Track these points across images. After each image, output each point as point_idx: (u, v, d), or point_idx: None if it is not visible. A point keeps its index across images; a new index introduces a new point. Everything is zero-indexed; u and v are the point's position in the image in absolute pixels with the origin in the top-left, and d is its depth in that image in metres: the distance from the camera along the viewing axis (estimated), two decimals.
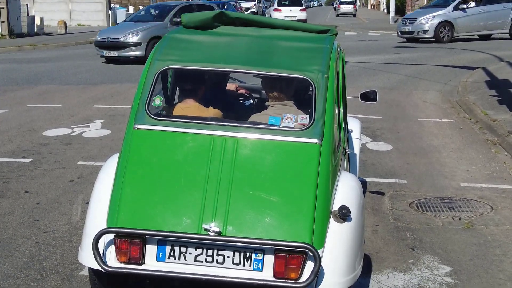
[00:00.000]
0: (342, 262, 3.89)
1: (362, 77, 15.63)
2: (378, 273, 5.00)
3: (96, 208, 4.13)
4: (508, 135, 9.38)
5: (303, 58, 4.51)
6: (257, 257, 3.79)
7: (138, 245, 3.81)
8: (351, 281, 3.96)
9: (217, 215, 3.83)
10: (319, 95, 4.21)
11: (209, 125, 4.19)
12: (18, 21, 31.26)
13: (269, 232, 3.80)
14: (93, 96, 13.23)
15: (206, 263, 3.82)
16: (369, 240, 5.62)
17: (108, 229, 3.83)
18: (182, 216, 3.86)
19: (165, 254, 3.84)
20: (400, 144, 9.35)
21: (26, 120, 10.72)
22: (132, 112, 4.25)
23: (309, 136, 4.08)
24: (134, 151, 4.12)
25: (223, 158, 4.00)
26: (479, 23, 24.55)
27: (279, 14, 35.52)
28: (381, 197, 6.86)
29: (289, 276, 3.74)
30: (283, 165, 4.02)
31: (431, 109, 12.15)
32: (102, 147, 8.85)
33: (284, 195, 3.91)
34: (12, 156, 8.41)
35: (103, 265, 3.81)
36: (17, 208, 6.38)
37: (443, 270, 5.10)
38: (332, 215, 3.96)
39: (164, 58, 4.44)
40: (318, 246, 3.78)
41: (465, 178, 7.69)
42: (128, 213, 3.90)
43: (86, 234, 4.10)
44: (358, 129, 6.45)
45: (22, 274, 4.89)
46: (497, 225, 6.13)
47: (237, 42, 4.80)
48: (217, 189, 3.90)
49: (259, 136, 4.12)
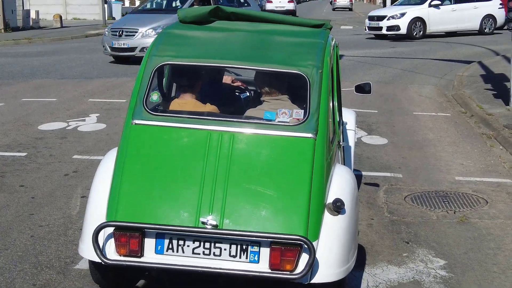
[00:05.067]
0: (336, 254, 3.97)
1: (358, 71, 15.63)
2: (372, 267, 5.01)
3: (95, 202, 4.20)
4: (503, 129, 9.40)
5: (298, 53, 4.56)
6: (253, 250, 3.86)
7: (137, 238, 3.88)
8: (345, 272, 4.04)
9: (214, 208, 3.90)
10: (313, 90, 4.27)
11: (205, 120, 4.26)
12: (13, 15, 31.13)
13: (265, 225, 3.88)
14: (88, 90, 13.21)
15: (203, 256, 3.90)
16: (364, 234, 5.64)
17: (107, 222, 3.91)
18: (180, 209, 3.93)
19: (164, 247, 3.91)
20: (395, 138, 9.36)
21: (21, 114, 10.70)
22: (130, 108, 4.31)
23: (304, 131, 4.15)
24: (132, 146, 4.19)
25: (219, 152, 4.07)
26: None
27: (271, 5, 40.58)
28: (376, 191, 6.88)
29: (285, 268, 3.81)
30: (279, 159, 4.09)
31: (427, 103, 12.16)
32: (98, 141, 8.84)
33: (280, 188, 3.99)
34: (8, 150, 8.40)
35: (103, 258, 3.90)
36: (12, 202, 6.38)
37: (438, 263, 5.12)
38: (326, 208, 4.03)
39: (161, 54, 4.48)
40: (313, 239, 3.86)
41: (460, 172, 7.71)
42: (127, 207, 3.98)
43: (86, 228, 4.17)
44: (353, 121, 6.49)
45: (17, 268, 4.90)
46: (491, 218, 6.15)
47: (233, 37, 4.86)
48: (214, 183, 3.97)
49: (254, 131, 4.19)
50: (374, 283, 4.74)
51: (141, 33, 17.08)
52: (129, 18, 18.67)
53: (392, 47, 21.56)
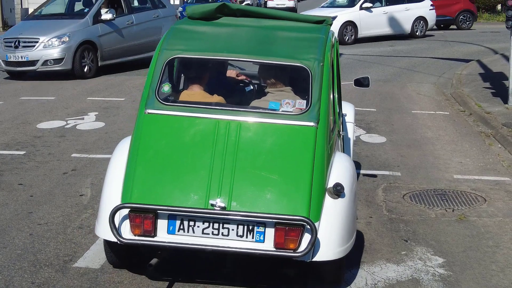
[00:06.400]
0: (336, 234, 4.28)
1: (357, 70, 15.63)
2: (371, 265, 5.02)
3: (111, 186, 4.50)
4: (502, 127, 9.40)
5: (300, 47, 4.87)
6: (259, 230, 4.17)
7: (150, 219, 4.19)
8: (344, 252, 4.36)
9: (222, 192, 4.21)
10: (315, 82, 4.58)
11: (214, 109, 4.58)
12: (12, 13, 31.11)
13: (270, 207, 4.19)
14: (87, 88, 13.20)
15: (212, 236, 4.20)
16: (362, 232, 5.64)
17: (123, 204, 4.21)
18: (190, 192, 4.25)
19: (175, 228, 4.22)
20: (394, 136, 9.37)
21: (20, 113, 10.70)
22: (143, 98, 4.63)
23: (306, 120, 4.46)
24: (145, 133, 4.50)
25: (227, 140, 4.39)
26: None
27: (272, 3, 40.40)
28: (375, 189, 6.88)
29: (288, 247, 4.12)
30: (282, 146, 4.41)
31: (425, 102, 12.16)
32: (96, 140, 8.84)
33: (283, 173, 4.30)
34: (6, 148, 8.39)
35: (119, 237, 4.22)
36: (11, 201, 6.38)
37: (436, 261, 5.13)
38: (327, 191, 4.34)
39: (172, 47, 4.81)
40: (315, 220, 4.18)
41: (459, 170, 7.72)
42: (141, 190, 4.28)
43: (102, 210, 4.46)
44: (352, 113, 6.79)
45: (16, 266, 4.90)
46: (490, 216, 6.15)
47: (239, 32, 5.17)
48: (222, 168, 4.28)
49: (260, 119, 4.51)
50: (373, 281, 4.75)
51: (42, 43, 13.96)
52: (26, 26, 15.01)
53: (391, 46, 21.56)
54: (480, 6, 36.32)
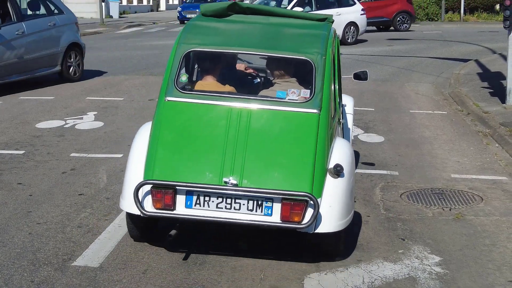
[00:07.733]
0: (336, 209, 4.76)
1: (355, 69, 15.59)
2: (368, 263, 5.05)
3: (134, 164, 4.96)
4: (500, 127, 9.44)
5: (305, 42, 5.39)
6: (267, 205, 4.65)
7: (170, 195, 4.67)
8: (343, 225, 4.84)
9: (235, 170, 4.69)
10: (318, 73, 5.07)
11: (227, 98, 5.07)
12: None
13: (277, 184, 4.66)
14: (86, 88, 13.22)
15: (225, 210, 4.69)
16: (360, 231, 5.67)
17: (146, 181, 4.69)
18: (206, 171, 4.72)
19: (192, 202, 4.70)
20: (392, 135, 9.40)
21: (19, 112, 10.72)
22: (163, 87, 5.11)
23: (310, 107, 4.95)
24: (165, 118, 4.99)
25: (239, 124, 4.86)
26: None
27: None
28: (373, 188, 6.91)
29: (293, 220, 4.61)
30: (289, 130, 4.89)
31: (423, 101, 12.20)
32: (95, 139, 8.86)
33: (289, 154, 4.78)
34: (5, 148, 8.41)
35: (142, 210, 4.70)
36: (10, 200, 6.40)
37: (433, 260, 5.15)
38: (328, 171, 4.82)
39: (188, 42, 5.31)
40: (317, 196, 4.66)
41: (456, 169, 7.75)
42: (162, 169, 4.76)
43: (126, 186, 4.93)
44: (351, 105, 7.34)
45: (15, 265, 4.92)
46: (487, 215, 6.18)
47: (249, 28, 5.68)
48: (235, 150, 4.75)
49: (268, 107, 5.00)
50: (370, 280, 4.78)
51: None
52: None
53: (389, 45, 21.60)
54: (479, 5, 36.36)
